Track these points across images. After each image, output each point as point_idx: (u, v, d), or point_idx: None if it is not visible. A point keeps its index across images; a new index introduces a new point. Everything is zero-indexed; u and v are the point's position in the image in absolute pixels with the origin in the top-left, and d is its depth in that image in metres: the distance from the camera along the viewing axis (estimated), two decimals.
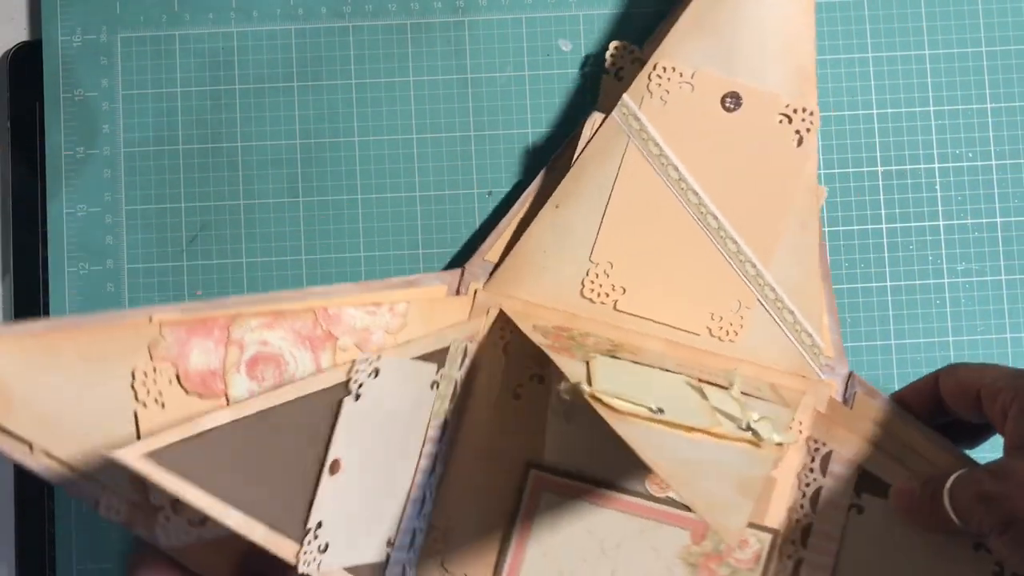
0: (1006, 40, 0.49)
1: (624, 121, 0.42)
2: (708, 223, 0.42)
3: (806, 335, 0.42)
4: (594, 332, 0.42)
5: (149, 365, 0.37)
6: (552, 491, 0.43)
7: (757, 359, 0.43)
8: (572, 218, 0.43)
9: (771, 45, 0.42)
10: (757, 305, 0.42)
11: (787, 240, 0.42)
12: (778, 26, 0.42)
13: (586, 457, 0.43)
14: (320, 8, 0.49)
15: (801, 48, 0.42)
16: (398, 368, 0.40)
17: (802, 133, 0.42)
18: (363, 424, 0.39)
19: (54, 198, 0.48)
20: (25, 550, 0.47)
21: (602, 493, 0.43)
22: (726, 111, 0.42)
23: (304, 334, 0.39)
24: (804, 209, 0.42)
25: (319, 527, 0.37)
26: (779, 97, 0.42)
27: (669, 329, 0.43)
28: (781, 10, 0.42)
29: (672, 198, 0.42)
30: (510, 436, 0.43)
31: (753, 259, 0.42)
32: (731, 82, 0.42)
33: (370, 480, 0.40)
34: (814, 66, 0.42)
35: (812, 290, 0.42)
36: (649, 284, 0.42)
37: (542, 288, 0.43)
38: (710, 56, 0.42)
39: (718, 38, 0.42)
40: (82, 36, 0.49)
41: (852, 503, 0.42)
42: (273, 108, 0.49)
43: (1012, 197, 0.48)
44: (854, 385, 0.43)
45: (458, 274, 0.44)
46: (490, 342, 0.43)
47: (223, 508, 0.35)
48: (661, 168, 0.42)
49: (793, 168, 0.42)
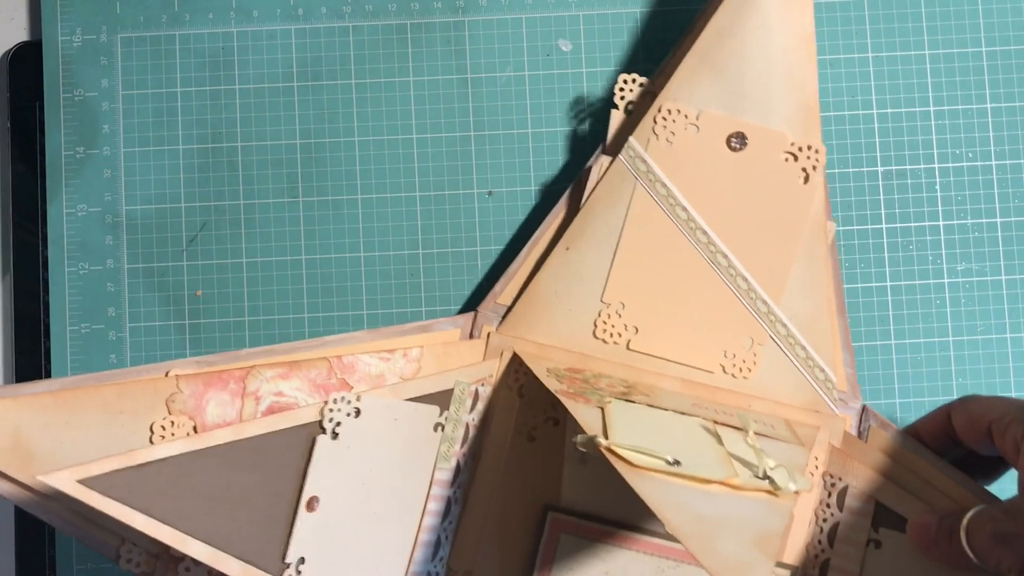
0: (1006, 40, 0.49)
1: (631, 163, 0.43)
2: (718, 262, 0.42)
3: (819, 370, 0.43)
4: (607, 373, 0.43)
5: (167, 419, 0.38)
6: (570, 533, 0.43)
7: (771, 395, 0.43)
8: (583, 260, 0.43)
9: (775, 83, 0.42)
10: (769, 341, 0.42)
11: (797, 275, 0.42)
12: (781, 61, 0.42)
13: (603, 498, 0.43)
14: (320, 8, 0.49)
15: (804, 84, 0.42)
16: (387, 409, 0.40)
17: (808, 171, 0.42)
18: (347, 463, 0.39)
19: (54, 198, 0.48)
20: (25, 550, 0.47)
21: (620, 534, 0.43)
22: (732, 151, 0.42)
23: (319, 383, 0.40)
24: (812, 244, 0.42)
25: (301, 563, 0.38)
26: (784, 136, 0.42)
27: (683, 367, 0.43)
28: (783, 44, 0.42)
29: (682, 238, 0.42)
30: (526, 479, 0.43)
31: (764, 296, 0.42)
32: (736, 122, 0.42)
33: (363, 521, 0.40)
34: (817, 102, 0.42)
35: (824, 325, 0.42)
36: (661, 323, 0.43)
37: (555, 330, 0.43)
38: (715, 96, 0.42)
39: (723, 78, 0.42)
40: (82, 36, 0.49)
41: (870, 538, 0.41)
42: (273, 108, 0.49)
43: (1012, 197, 0.48)
44: (868, 419, 0.43)
45: (471, 318, 0.44)
46: (504, 385, 0.43)
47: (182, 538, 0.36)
48: (669, 209, 0.42)
49: (800, 205, 0.42)
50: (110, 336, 0.47)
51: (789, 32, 0.42)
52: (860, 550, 0.41)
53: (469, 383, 0.42)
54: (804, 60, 0.42)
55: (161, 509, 0.35)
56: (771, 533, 0.34)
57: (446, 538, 0.42)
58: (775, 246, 0.42)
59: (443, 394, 0.42)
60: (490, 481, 0.43)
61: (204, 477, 0.37)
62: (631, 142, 0.43)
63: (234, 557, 0.37)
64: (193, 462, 0.36)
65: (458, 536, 0.43)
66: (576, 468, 0.43)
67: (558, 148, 0.48)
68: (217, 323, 0.48)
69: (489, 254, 0.48)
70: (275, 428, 0.38)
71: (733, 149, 0.42)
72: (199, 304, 0.48)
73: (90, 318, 0.48)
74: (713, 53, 0.42)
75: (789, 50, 0.42)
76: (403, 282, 0.48)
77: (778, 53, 0.42)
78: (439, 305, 0.48)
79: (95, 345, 0.47)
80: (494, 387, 0.43)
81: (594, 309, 0.43)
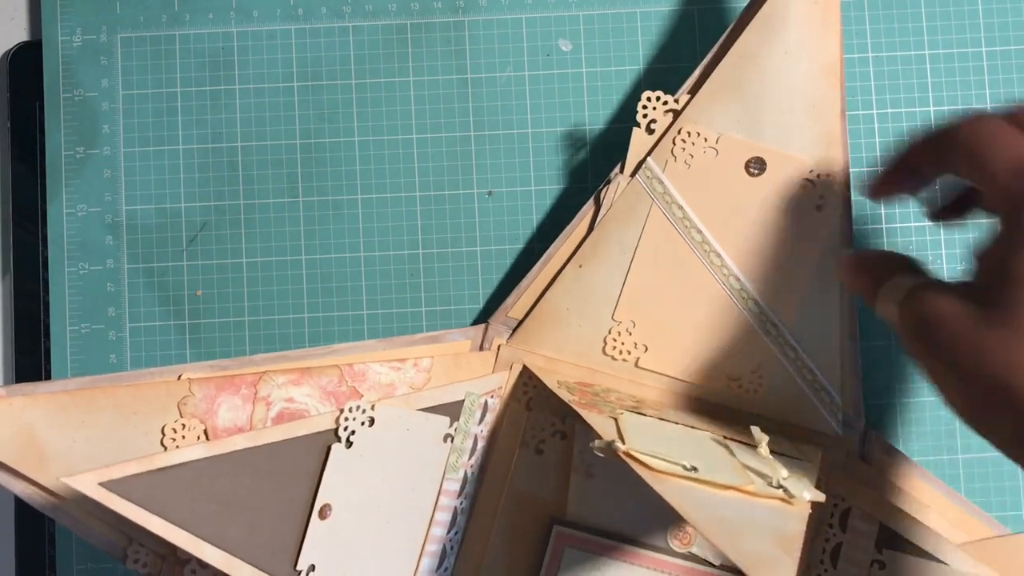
0: (1006, 40, 0.49)
1: (648, 184, 0.43)
2: (731, 284, 0.43)
3: (825, 393, 0.43)
4: (616, 388, 0.43)
5: (179, 422, 0.38)
6: (574, 546, 0.43)
7: (775, 415, 0.43)
8: (595, 277, 0.43)
9: (797, 108, 0.42)
10: (777, 363, 0.43)
11: (808, 301, 0.42)
12: (804, 89, 0.42)
13: (608, 513, 0.43)
14: (320, 8, 0.49)
15: (828, 112, 0.42)
16: (400, 419, 0.40)
17: (826, 197, 0.42)
18: (359, 472, 0.40)
19: (54, 198, 0.48)
20: (25, 550, 0.47)
21: (624, 548, 0.43)
22: (750, 176, 0.42)
23: (330, 390, 0.40)
24: (825, 270, 0.42)
25: (312, 570, 0.38)
26: (804, 162, 0.42)
27: (690, 386, 0.43)
28: (807, 72, 0.42)
29: (695, 259, 0.43)
30: (533, 491, 0.43)
31: (774, 319, 0.43)
32: (756, 146, 0.42)
33: (372, 530, 0.40)
34: (841, 129, 0.42)
35: (833, 349, 0.43)
36: (671, 343, 0.43)
37: (565, 345, 0.43)
38: (735, 120, 0.42)
39: (744, 102, 0.42)
40: (82, 36, 0.49)
41: (873, 559, 0.42)
42: (273, 108, 0.49)
43: None
44: (871, 441, 0.43)
45: (482, 330, 0.44)
46: (513, 397, 0.44)
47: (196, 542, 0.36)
48: (684, 231, 0.43)
49: (814, 231, 0.42)
50: (110, 336, 0.47)
51: (814, 60, 0.42)
52: (864, 572, 0.42)
53: (479, 395, 0.42)
54: (828, 88, 0.42)
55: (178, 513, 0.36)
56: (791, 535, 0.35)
57: (451, 549, 0.43)
58: (788, 271, 0.42)
59: (453, 405, 0.42)
60: (496, 493, 0.43)
61: (220, 482, 0.37)
62: (649, 163, 0.43)
63: (247, 563, 0.37)
64: (210, 467, 0.37)
65: (463, 547, 0.43)
66: (582, 482, 0.43)
67: (558, 148, 0.48)
68: (217, 323, 0.48)
69: (489, 254, 0.48)
70: (291, 435, 0.39)
71: (751, 174, 0.42)
72: (199, 304, 0.48)
73: (90, 318, 0.48)
74: (736, 77, 0.42)
75: (813, 78, 0.42)
76: (403, 282, 0.48)
77: (802, 81, 0.42)
78: (439, 305, 0.48)
79: (95, 345, 0.47)
80: (503, 399, 0.44)
81: (604, 326, 0.43)
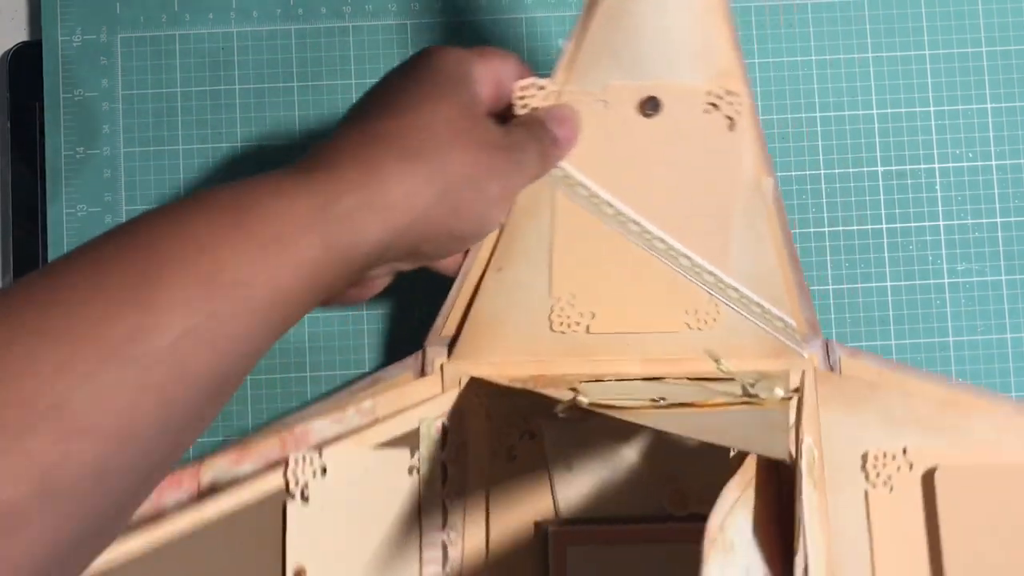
0: (1006, 40, 0.49)
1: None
2: (656, 247, 0.40)
3: (778, 320, 0.42)
4: (571, 371, 0.41)
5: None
6: (576, 543, 0.41)
7: (734, 350, 0.42)
8: (519, 275, 0.40)
9: (683, 38, 0.38)
10: (724, 306, 0.41)
11: (739, 238, 0.40)
12: (687, 20, 0.37)
13: (598, 498, 0.42)
14: (320, 8, 0.49)
15: (715, 29, 0.37)
16: (355, 461, 0.39)
17: (733, 117, 0.38)
18: (325, 527, 0.38)
19: (54, 198, 0.48)
20: None
21: (626, 528, 0.42)
22: (646, 118, 0.39)
23: (273, 458, 0.38)
24: (750, 203, 0.40)
25: None
26: (698, 87, 0.38)
27: (647, 342, 0.42)
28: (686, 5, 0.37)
29: (614, 233, 0.40)
30: (517, 500, 0.42)
31: (709, 268, 0.41)
32: (645, 87, 0.38)
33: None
34: (733, 44, 0.38)
35: (776, 278, 0.41)
36: (616, 304, 0.41)
37: (509, 341, 0.41)
38: (618, 70, 0.38)
39: (623, 52, 0.38)
40: (82, 36, 0.49)
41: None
42: (273, 108, 0.49)
43: (1012, 197, 0.48)
44: (835, 351, 0.43)
45: (419, 356, 0.42)
46: (470, 412, 0.42)
47: None
48: (595, 208, 0.40)
49: (729, 158, 0.39)
50: None
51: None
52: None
53: (433, 418, 0.41)
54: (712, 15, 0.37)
55: None
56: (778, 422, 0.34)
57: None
58: (711, 214, 0.40)
59: (410, 435, 0.40)
60: (481, 514, 0.42)
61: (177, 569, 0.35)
62: None
63: None
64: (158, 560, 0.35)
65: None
66: (565, 476, 0.42)
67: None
68: None
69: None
70: (240, 503, 0.37)
71: (647, 115, 0.38)
72: None
73: None
74: (609, 35, 0.38)
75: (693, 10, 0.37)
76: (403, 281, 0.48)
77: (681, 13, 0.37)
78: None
79: None
80: (460, 417, 0.42)
81: (545, 306, 0.41)
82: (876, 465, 0.42)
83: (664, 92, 0.38)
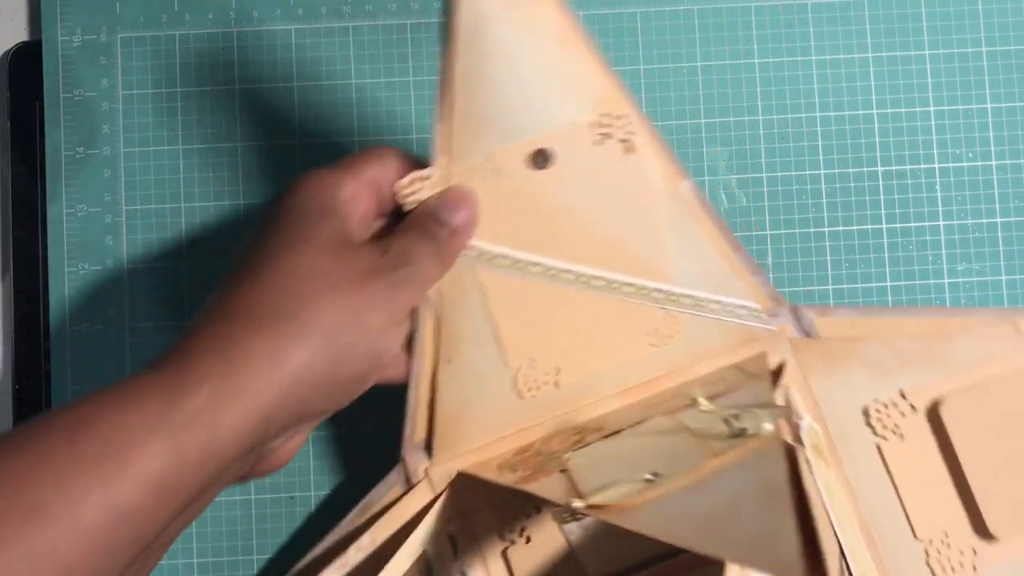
0: (1006, 40, 0.49)
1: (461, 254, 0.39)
2: (595, 286, 0.40)
3: (739, 308, 0.41)
4: (553, 428, 0.41)
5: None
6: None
7: (706, 352, 0.41)
8: (471, 360, 0.39)
9: (545, 82, 0.37)
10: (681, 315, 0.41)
11: (674, 245, 0.40)
12: (548, 69, 0.37)
13: (626, 546, 0.40)
14: (320, 8, 0.49)
15: (576, 59, 0.37)
16: None
17: (627, 138, 0.38)
18: None
19: (54, 198, 0.48)
20: None
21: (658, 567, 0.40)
22: (540, 170, 0.38)
23: None
24: (672, 209, 0.40)
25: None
26: (582, 121, 0.38)
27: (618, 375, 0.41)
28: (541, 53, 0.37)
29: (550, 287, 0.39)
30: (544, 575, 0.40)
31: (654, 285, 0.40)
32: (529, 142, 0.38)
33: None
34: (600, 67, 0.37)
35: (722, 270, 0.40)
36: (576, 352, 0.40)
37: (484, 424, 0.40)
38: (497, 134, 0.37)
39: (495, 117, 0.37)
40: (82, 36, 0.49)
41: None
42: (273, 108, 0.49)
43: (1012, 197, 0.48)
44: (804, 314, 0.42)
45: (401, 467, 0.41)
46: (470, 509, 0.40)
47: None
48: (522, 272, 0.39)
49: (638, 180, 0.39)
50: (110, 336, 0.47)
51: (542, 38, 0.37)
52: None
53: (437, 530, 0.39)
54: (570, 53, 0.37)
55: None
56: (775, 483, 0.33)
57: None
58: (639, 235, 0.40)
59: (418, 562, 0.39)
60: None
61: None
62: None
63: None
64: None
65: None
66: (582, 537, 0.41)
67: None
68: None
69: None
70: None
71: (541, 167, 0.38)
72: (199, 305, 0.48)
73: (90, 318, 0.48)
74: (476, 106, 0.37)
75: (550, 54, 0.37)
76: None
77: (541, 64, 0.37)
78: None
79: (95, 345, 0.47)
80: (462, 518, 0.40)
81: (507, 379, 0.40)
82: (879, 417, 0.41)
83: (550, 140, 0.38)
